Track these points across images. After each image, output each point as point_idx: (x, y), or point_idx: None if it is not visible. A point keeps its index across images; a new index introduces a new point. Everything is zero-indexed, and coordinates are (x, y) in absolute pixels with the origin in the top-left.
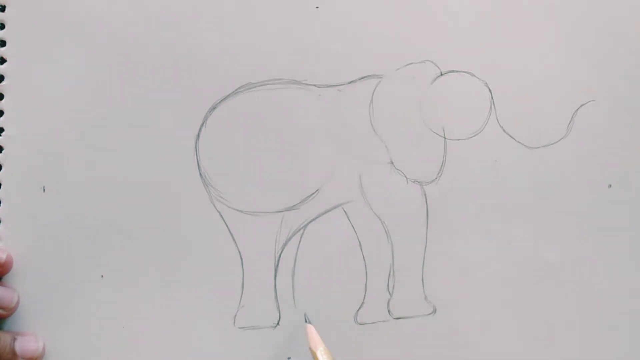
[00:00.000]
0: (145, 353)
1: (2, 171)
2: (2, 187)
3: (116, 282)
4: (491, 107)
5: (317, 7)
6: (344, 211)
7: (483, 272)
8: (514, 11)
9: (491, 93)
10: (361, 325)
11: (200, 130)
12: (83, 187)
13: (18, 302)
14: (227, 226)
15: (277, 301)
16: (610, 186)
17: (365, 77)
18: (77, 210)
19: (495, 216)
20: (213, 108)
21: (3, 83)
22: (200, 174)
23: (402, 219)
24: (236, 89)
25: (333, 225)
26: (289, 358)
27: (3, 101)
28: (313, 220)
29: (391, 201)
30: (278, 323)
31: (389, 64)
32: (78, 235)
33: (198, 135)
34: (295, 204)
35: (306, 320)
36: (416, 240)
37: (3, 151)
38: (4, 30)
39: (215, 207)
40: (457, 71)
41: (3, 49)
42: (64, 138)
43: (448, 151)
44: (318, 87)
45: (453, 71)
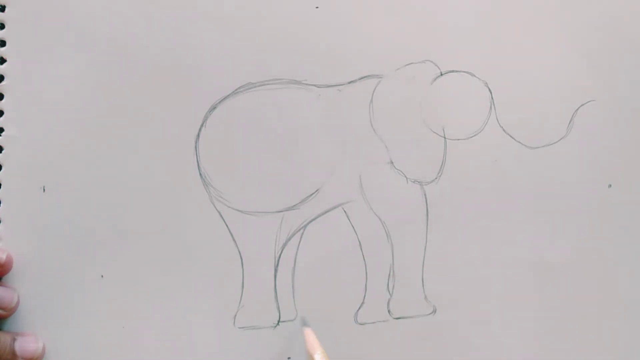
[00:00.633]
0: (145, 353)
1: (2, 171)
2: (2, 187)
3: (116, 282)
4: (491, 107)
5: (317, 7)
6: (344, 211)
7: (483, 272)
8: (514, 11)
9: (491, 93)
10: (361, 325)
11: (200, 130)
12: (83, 187)
13: (18, 302)
14: (227, 226)
15: (277, 301)
16: (610, 186)
17: (365, 77)
18: (77, 210)
19: (495, 216)
20: (213, 108)
21: (3, 83)
22: (200, 174)
23: (402, 219)
24: (236, 89)
25: (333, 225)
26: (289, 358)
27: (3, 101)
28: (313, 220)
29: (391, 201)
30: (278, 323)
31: (389, 64)
32: (78, 235)
33: (198, 135)
34: (295, 204)
35: (304, 323)
36: (416, 240)
37: (3, 151)
38: (4, 30)
39: (215, 207)
40: (457, 71)
41: (3, 49)
42: (64, 138)
43: (448, 151)
44: (318, 87)
45: (453, 71)
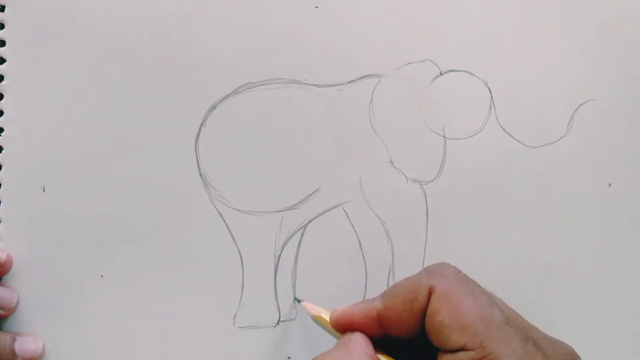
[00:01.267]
0: (145, 353)
1: (2, 171)
2: (2, 187)
3: (116, 282)
4: (491, 107)
5: (317, 7)
6: (344, 211)
7: (483, 272)
8: (514, 10)
9: (491, 92)
10: None
11: (200, 130)
12: (83, 187)
13: (18, 302)
14: (227, 226)
15: (277, 301)
16: (610, 185)
17: (364, 77)
18: (77, 210)
19: (495, 216)
20: (213, 108)
21: (3, 83)
22: (200, 174)
23: (402, 219)
24: (236, 89)
25: (333, 225)
26: (289, 357)
27: (3, 101)
28: (313, 220)
29: (391, 201)
30: (278, 322)
31: (389, 64)
32: (78, 235)
33: (198, 135)
34: (295, 204)
35: (297, 300)
36: (416, 240)
37: (3, 151)
38: (4, 30)
39: (215, 207)
40: (457, 71)
41: (3, 49)
42: (64, 138)
43: (448, 151)
44: (318, 87)
45: (453, 71)
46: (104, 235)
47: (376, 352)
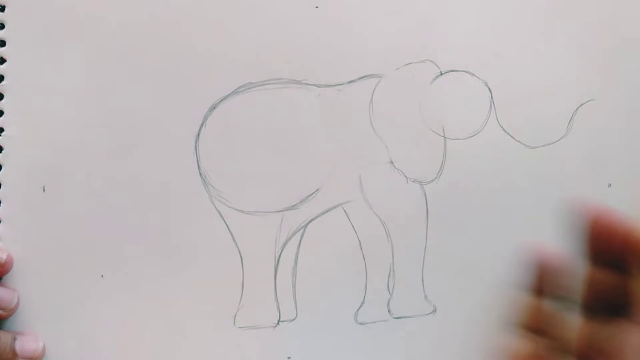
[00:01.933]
0: (145, 353)
1: (2, 171)
2: (2, 187)
3: (116, 282)
4: (491, 107)
5: (317, 7)
6: (344, 211)
7: (483, 272)
8: (514, 10)
9: (491, 92)
10: (361, 325)
11: (200, 130)
12: (83, 187)
13: (18, 303)
14: (227, 226)
15: (277, 301)
16: (610, 185)
17: (365, 77)
18: (77, 210)
19: (495, 216)
20: (213, 108)
21: (3, 83)
22: (200, 174)
23: (402, 219)
24: (236, 89)
25: (333, 225)
26: (289, 358)
27: (3, 101)
28: (313, 220)
29: (391, 201)
30: (278, 323)
31: (389, 64)
32: (78, 235)
33: (198, 135)
34: (295, 204)
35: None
36: (416, 240)
37: (3, 151)
38: (4, 30)
39: (215, 207)
40: (457, 71)
41: (3, 49)
42: (64, 138)
43: (448, 151)
44: (318, 87)
45: (453, 71)
46: (104, 235)
47: None
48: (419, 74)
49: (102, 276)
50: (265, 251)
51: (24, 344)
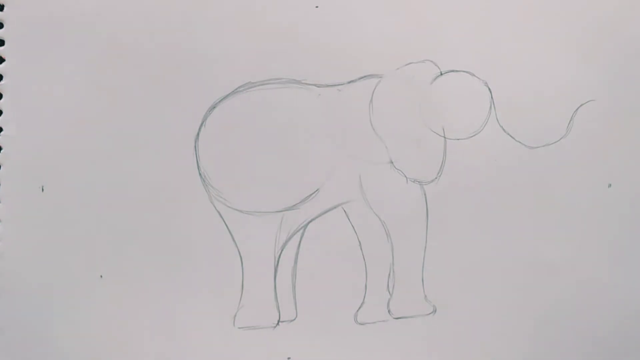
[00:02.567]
0: (145, 353)
1: (1, 171)
2: (1, 187)
3: (115, 282)
4: (491, 107)
5: (317, 7)
6: (344, 211)
7: (483, 272)
8: (514, 11)
9: (491, 92)
10: (361, 325)
11: (199, 129)
12: (82, 187)
13: None
14: (227, 226)
15: (277, 301)
16: (610, 185)
17: (365, 77)
18: (77, 210)
19: (495, 216)
20: (213, 107)
21: (2, 82)
22: (199, 174)
23: (402, 219)
24: (236, 89)
25: (333, 225)
26: (289, 358)
27: (2, 101)
28: (313, 220)
29: (391, 201)
30: (278, 323)
31: (389, 64)
32: (78, 235)
33: (197, 134)
34: (295, 204)
35: None
36: (416, 240)
37: (2, 151)
38: (3, 29)
39: (215, 207)
40: (457, 71)
41: (2, 49)
42: (64, 138)
43: (448, 151)
44: (318, 87)
45: (453, 71)
46: (104, 235)
47: None
48: (419, 74)
49: (101, 276)
50: (265, 251)
51: None
